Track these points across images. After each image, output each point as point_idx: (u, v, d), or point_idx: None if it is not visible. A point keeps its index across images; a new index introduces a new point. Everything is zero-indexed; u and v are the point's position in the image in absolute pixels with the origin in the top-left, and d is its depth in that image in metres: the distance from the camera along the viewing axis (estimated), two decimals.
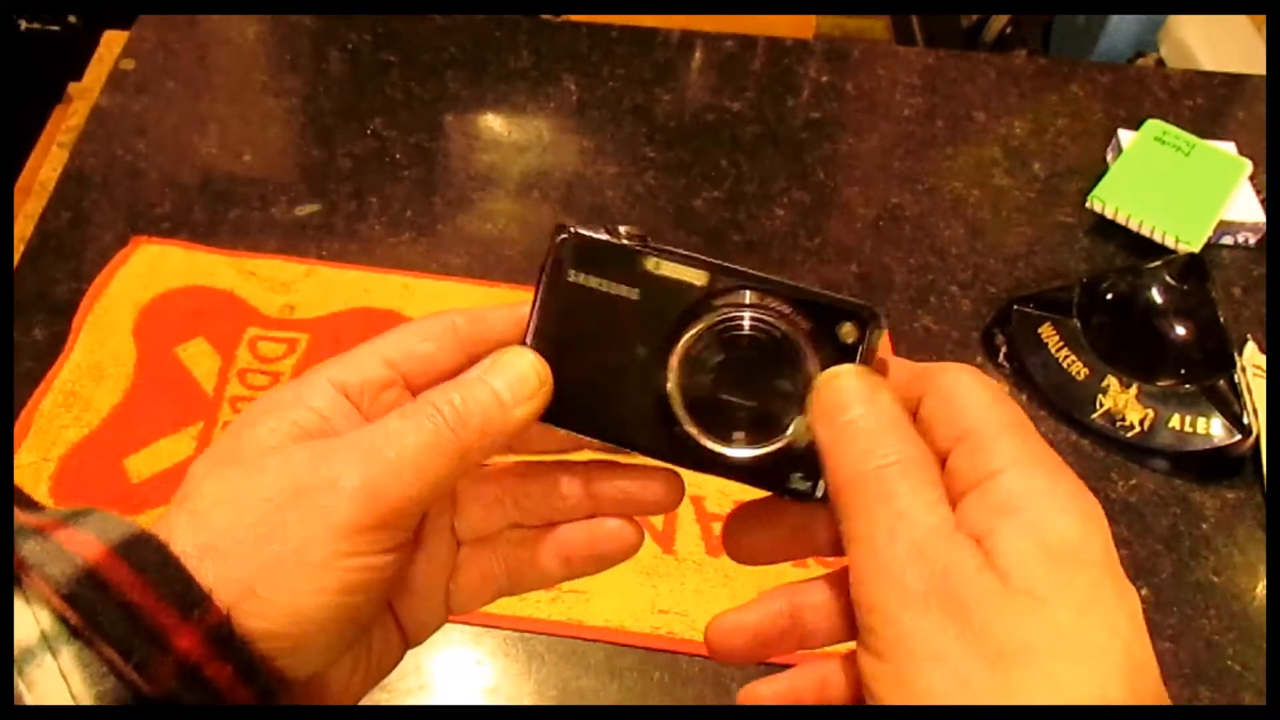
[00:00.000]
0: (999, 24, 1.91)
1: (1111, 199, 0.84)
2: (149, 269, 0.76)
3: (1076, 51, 1.73)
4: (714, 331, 0.31)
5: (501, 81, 0.93)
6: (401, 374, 0.32)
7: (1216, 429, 0.70)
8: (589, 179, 0.86)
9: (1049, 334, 0.75)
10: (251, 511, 0.28)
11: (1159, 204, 0.83)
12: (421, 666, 0.59)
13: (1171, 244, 0.82)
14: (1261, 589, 0.66)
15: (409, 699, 0.58)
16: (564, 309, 0.32)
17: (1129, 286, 0.74)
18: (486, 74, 0.93)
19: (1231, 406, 0.70)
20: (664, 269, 0.31)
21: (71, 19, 1.48)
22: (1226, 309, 0.76)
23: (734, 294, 0.31)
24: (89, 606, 0.25)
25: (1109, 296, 0.75)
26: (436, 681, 0.59)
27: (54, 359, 0.70)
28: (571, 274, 0.32)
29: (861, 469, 0.27)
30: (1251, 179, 0.86)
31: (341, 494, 0.28)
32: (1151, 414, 0.71)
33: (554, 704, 0.59)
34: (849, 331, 0.30)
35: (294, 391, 0.31)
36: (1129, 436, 0.71)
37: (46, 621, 0.25)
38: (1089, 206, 0.85)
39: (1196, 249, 0.81)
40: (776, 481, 0.31)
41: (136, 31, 0.94)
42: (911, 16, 2.26)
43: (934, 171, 0.89)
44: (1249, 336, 0.78)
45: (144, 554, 0.26)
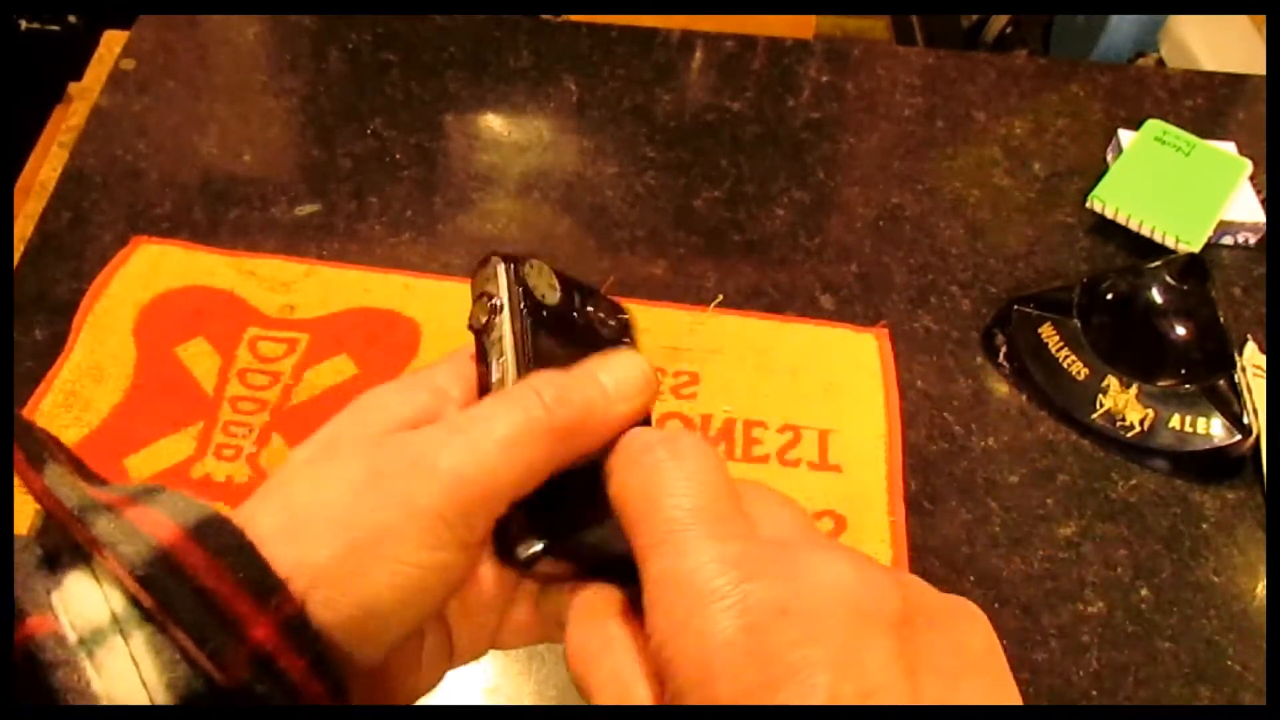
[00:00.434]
0: (999, 24, 1.91)
1: (1111, 199, 0.84)
2: (149, 269, 0.76)
3: (1076, 51, 1.73)
4: None
5: (501, 81, 0.93)
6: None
7: (1216, 429, 0.70)
8: (589, 179, 0.86)
9: (1049, 334, 0.75)
10: (332, 494, 0.27)
11: (1159, 204, 0.83)
12: None
13: (1171, 244, 0.82)
14: (1261, 589, 0.66)
15: None
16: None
17: (1129, 286, 0.74)
18: (486, 74, 0.93)
19: (1231, 406, 0.70)
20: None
21: (71, 19, 1.48)
22: (1226, 309, 0.76)
23: None
24: (163, 590, 0.24)
25: (1109, 296, 0.75)
26: None
27: (54, 359, 0.70)
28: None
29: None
30: (1251, 179, 0.86)
31: (424, 477, 0.27)
32: (1151, 414, 0.71)
33: (554, 704, 0.59)
34: None
35: (397, 385, 0.30)
36: (1129, 436, 0.71)
37: (119, 603, 0.24)
38: (1089, 206, 0.85)
39: (1196, 249, 0.81)
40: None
41: (136, 31, 0.94)
42: (911, 16, 2.26)
43: (934, 171, 0.89)
44: (1249, 336, 0.78)
45: (219, 537, 0.25)
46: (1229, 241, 0.85)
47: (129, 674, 0.24)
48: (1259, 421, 0.71)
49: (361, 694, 0.29)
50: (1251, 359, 0.75)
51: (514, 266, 0.32)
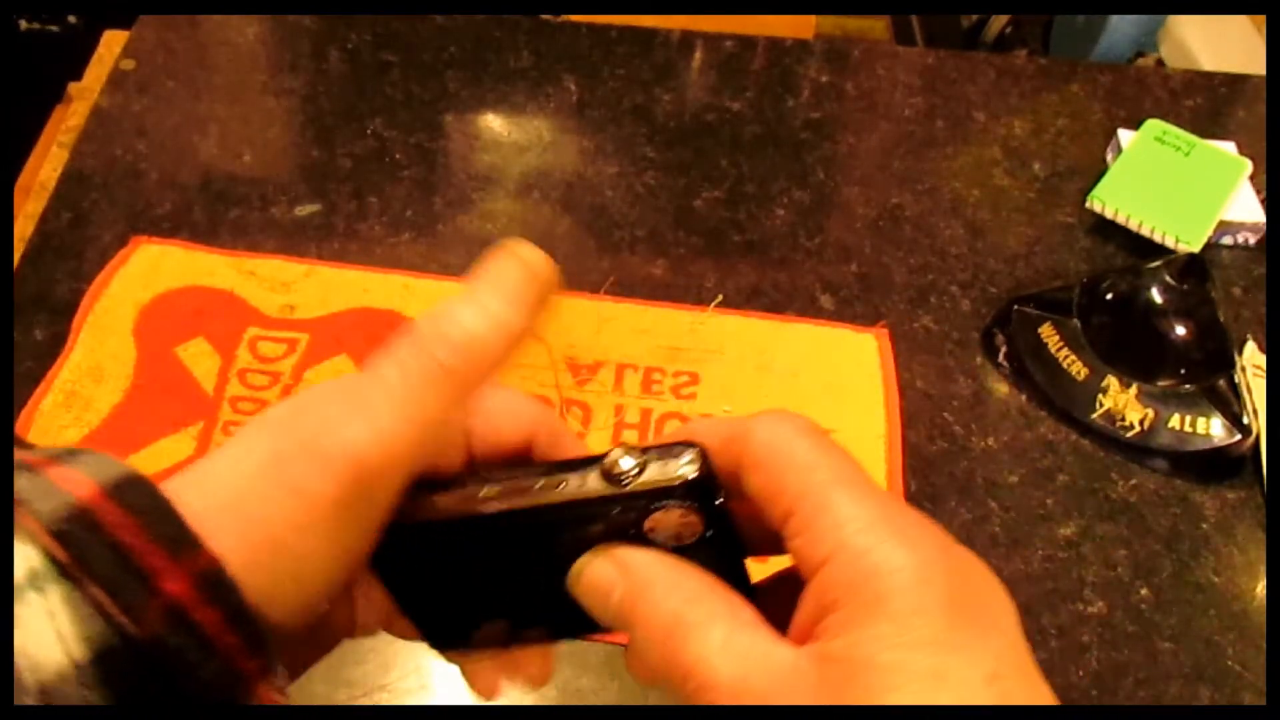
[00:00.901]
0: (999, 24, 1.91)
1: (1111, 199, 0.84)
2: (149, 269, 0.76)
3: (1076, 51, 1.73)
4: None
5: (501, 81, 0.93)
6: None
7: (1216, 429, 0.70)
8: (589, 179, 0.86)
9: (1049, 334, 0.75)
10: (238, 478, 0.27)
11: (1159, 204, 0.83)
12: (421, 666, 0.59)
13: (1171, 244, 0.82)
14: (1261, 589, 0.66)
15: (409, 699, 0.58)
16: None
17: (1129, 286, 0.74)
18: (486, 74, 0.93)
19: (1231, 406, 0.70)
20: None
21: (71, 19, 1.48)
22: (1226, 309, 0.77)
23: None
24: (78, 545, 0.24)
25: (1109, 296, 0.75)
26: (436, 681, 0.59)
27: (54, 359, 0.70)
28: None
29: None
30: (1251, 179, 0.86)
31: (317, 461, 0.27)
32: (1151, 414, 0.71)
33: (554, 704, 0.59)
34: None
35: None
36: (1129, 436, 0.71)
37: (36, 559, 0.24)
38: (1089, 206, 0.85)
39: (1196, 249, 0.81)
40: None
41: (136, 31, 0.94)
42: (911, 16, 2.26)
43: (934, 171, 0.89)
44: (1249, 336, 0.78)
45: (136, 495, 0.26)
46: (1229, 241, 0.85)
47: (45, 628, 0.24)
48: (1259, 421, 0.71)
49: (290, 648, 0.29)
50: (1251, 359, 0.75)
51: None
